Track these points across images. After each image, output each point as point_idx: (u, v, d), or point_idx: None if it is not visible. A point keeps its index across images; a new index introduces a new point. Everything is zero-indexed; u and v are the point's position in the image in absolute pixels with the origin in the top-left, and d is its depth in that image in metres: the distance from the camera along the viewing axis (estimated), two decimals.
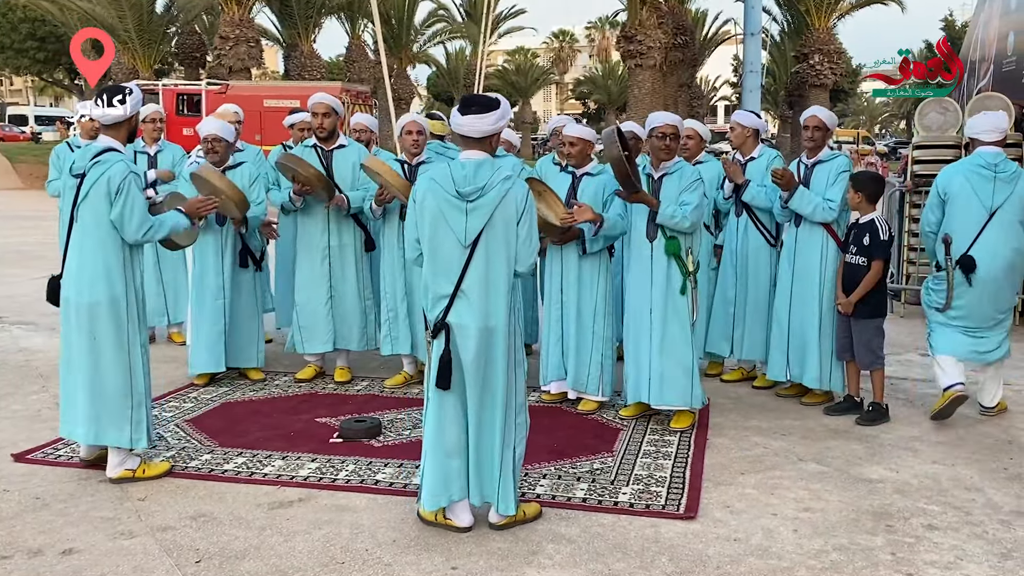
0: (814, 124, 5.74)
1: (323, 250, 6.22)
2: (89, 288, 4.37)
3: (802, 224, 5.72)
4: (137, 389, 4.46)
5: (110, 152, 4.39)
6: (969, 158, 5.54)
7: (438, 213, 3.78)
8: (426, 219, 3.80)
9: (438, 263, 3.81)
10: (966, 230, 5.34)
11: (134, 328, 4.46)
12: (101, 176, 4.32)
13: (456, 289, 3.77)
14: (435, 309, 3.83)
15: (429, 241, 3.81)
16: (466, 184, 3.76)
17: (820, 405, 5.80)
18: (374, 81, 36.14)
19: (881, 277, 5.50)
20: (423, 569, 3.62)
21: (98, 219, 4.35)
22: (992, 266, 5.31)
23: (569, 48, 74.24)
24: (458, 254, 3.78)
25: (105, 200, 4.32)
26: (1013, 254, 5.35)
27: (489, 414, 3.85)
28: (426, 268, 3.86)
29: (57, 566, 3.65)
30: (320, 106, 6.15)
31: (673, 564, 3.67)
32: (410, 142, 6.00)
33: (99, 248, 4.37)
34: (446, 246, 3.79)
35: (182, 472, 4.64)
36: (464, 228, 3.76)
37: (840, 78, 34.95)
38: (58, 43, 43.86)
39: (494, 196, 3.76)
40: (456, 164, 3.83)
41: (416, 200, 3.85)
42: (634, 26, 28.00)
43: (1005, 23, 10.69)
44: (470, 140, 3.84)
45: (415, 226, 3.87)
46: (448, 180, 3.79)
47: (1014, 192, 5.31)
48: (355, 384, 6.36)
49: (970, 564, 3.70)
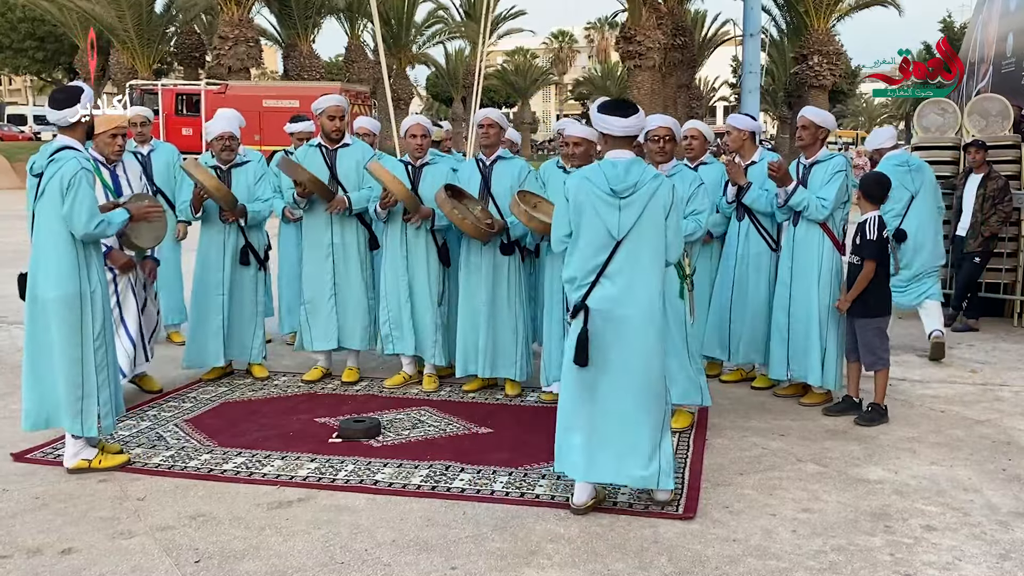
0: (802, 123, 5.82)
1: (327, 247, 6.23)
2: (43, 284, 4.48)
3: (800, 224, 5.74)
4: (88, 381, 4.54)
5: (64, 151, 4.47)
6: (886, 160, 7.19)
7: (591, 209, 4.03)
8: (578, 214, 4.05)
9: (587, 253, 4.05)
10: (897, 211, 7.04)
11: (89, 323, 4.52)
12: (56, 173, 4.42)
13: (599, 276, 4.03)
14: (577, 293, 4.07)
15: (582, 234, 4.05)
16: (619, 182, 4.01)
17: (819, 406, 5.81)
18: (373, 81, 36.16)
19: (884, 277, 5.52)
20: (422, 569, 3.63)
21: (54, 216, 4.44)
22: (917, 235, 7.08)
23: (568, 49, 74.25)
24: (607, 245, 4.03)
25: (59, 197, 4.41)
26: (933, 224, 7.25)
27: (622, 395, 4.06)
28: (574, 258, 4.08)
29: (56, 566, 3.65)
30: (336, 109, 6.16)
31: (672, 564, 3.67)
32: (414, 145, 6.02)
33: (55, 245, 4.46)
34: (597, 238, 4.03)
35: (181, 472, 4.64)
36: (617, 222, 4.02)
37: (839, 79, 34.99)
38: (57, 43, 43.88)
39: (645, 193, 4.02)
40: (607, 163, 4.08)
41: (569, 197, 4.08)
42: (633, 27, 28.01)
43: (1004, 24, 10.69)
44: (618, 140, 4.11)
45: (567, 222, 4.08)
46: (601, 178, 4.04)
47: (926, 179, 7.16)
48: (354, 384, 6.36)
49: (968, 565, 3.70)
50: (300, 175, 5.88)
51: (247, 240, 6.24)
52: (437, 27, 44.98)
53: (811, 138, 5.77)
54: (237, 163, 6.21)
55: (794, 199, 5.62)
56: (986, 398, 6.14)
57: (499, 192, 5.88)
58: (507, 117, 6.29)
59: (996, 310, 8.81)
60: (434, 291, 6.10)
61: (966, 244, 8.22)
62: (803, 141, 5.81)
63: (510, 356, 5.99)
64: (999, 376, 6.73)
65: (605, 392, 4.07)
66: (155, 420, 5.51)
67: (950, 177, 8.82)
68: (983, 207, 8.07)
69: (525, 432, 5.30)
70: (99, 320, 4.57)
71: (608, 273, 4.03)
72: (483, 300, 5.92)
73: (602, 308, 4.02)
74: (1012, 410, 5.84)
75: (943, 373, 6.80)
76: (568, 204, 4.08)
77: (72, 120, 4.54)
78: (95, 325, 4.55)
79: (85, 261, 4.52)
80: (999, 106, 8.94)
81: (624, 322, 4.02)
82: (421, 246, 6.06)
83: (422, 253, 6.07)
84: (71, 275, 4.47)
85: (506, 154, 6.04)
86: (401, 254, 6.07)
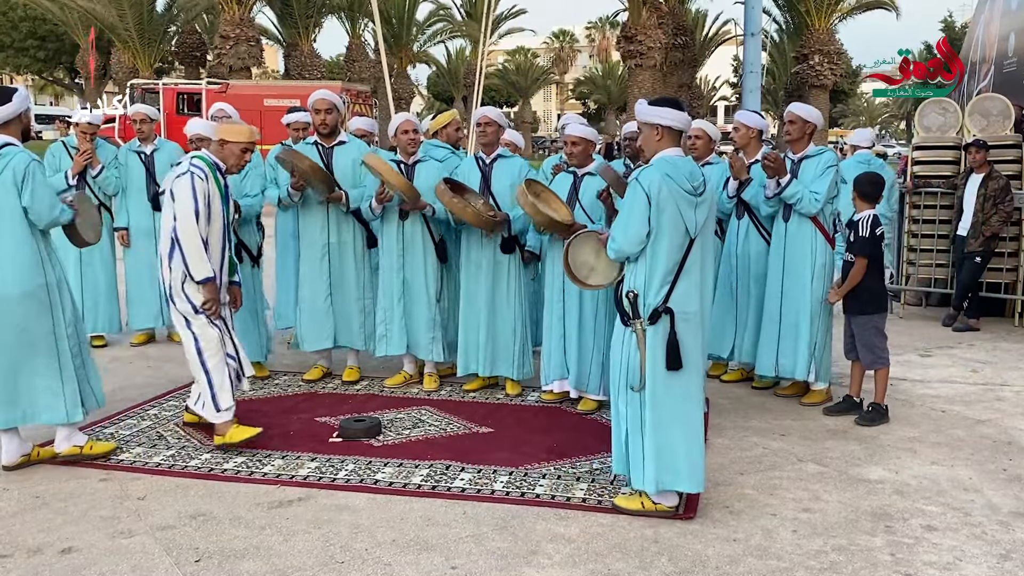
0: (789, 119, 5.90)
1: (323, 247, 6.22)
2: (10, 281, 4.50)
3: (791, 219, 5.75)
4: (66, 367, 4.63)
5: (7, 147, 4.55)
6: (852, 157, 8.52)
7: (673, 207, 3.94)
8: (664, 213, 3.93)
9: (671, 253, 3.97)
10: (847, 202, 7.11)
11: (60, 312, 4.61)
12: (5, 169, 4.48)
13: (677, 276, 3.98)
14: (656, 296, 3.98)
15: (664, 233, 3.95)
16: (694, 179, 3.99)
17: (820, 405, 5.81)
18: (374, 81, 36.14)
19: (878, 275, 5.55)
20: (422, 569, 3.62)
21: (9, 212, 4.50)
22: None
23: (569, 48, 74.19)
24: (683, 244, 3.98)
25: (13, 190, 4.48)
26: None
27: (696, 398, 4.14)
28: (658, 259, 3.97)
29: (56, 565, 3.65)
30: (322, 102, 6.15)
31: (672, 564, 3.67)
32: (406, 141, 6.02)
33: (13, 241, 4.51)
34: (677, 238, 3.97)
35: (182, 471, 4.64)
36: (695, 220, 3.99)
37: (840, 79, 34.97)
38: (58, 42, 43.85)
39: (710, 190, 4.06)
40: (678, 160, 4.02)
41: (651, 196, 3.92)
42: (634, 26, 28.01)
43: (1006, 24, 10.68)
44: (677, 137, 4.06)
45: (647, 221, 3.94)
46: (681, 176, 3.97)
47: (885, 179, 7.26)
48: (355, 383, 6.36)
49: (969, 565, 3.70)
50: (302, 162, 5.86)
51: (239, 237, 6.22)
52: (438, 26, 44.94)
53: (799, 132, 5.84)
54: None
55: (788, 191, 5.63)
56: (987, 398, 6.14)
57: (499, 190, 5.88)
58: (508, 116, 6.29)
59: (997, 310, 8.81)
60: (432, 288, 6.09)
61: (967, 244, 8.22)
62: (791, 136, 5.88)
63: (509, 355, 5.99)
64: (1000, 376, 6.72)
65: (686, 394, 4.05)
66: (156, 419, 5.52)
67: (951, 177, 8.82)
68: (984, 207, 8.07)
69: (525, 432, 5.30)
70: (68, 308, 4.68)
71: (683, 274, 3.99)
72: (483, 299, 5.92)
73: (682, 309, 3.99)
74: (1013, 410, 5.84)
75: (944, 373, 6.79)
76: (649, 202, 3.93)
77: (7, 117, 4.59)
78: (65, 314, 4.65)
79: (46, 253, 4.62)
80: (1000, 106, 8.93)
81: (691, 320, 4.02)
82: (418, 243, 6.05)
83: (419, 250, 6.06)
84: (35, 268, 4.55)
85: (506, 152, 6.04)
86: (397, 251, 6.07)
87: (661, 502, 4.10)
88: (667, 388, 4.02)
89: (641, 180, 3.97)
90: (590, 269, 4.78)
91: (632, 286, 4.03)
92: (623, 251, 4.04)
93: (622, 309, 4.10)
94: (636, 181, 3.99)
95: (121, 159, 7.33)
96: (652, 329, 3.99)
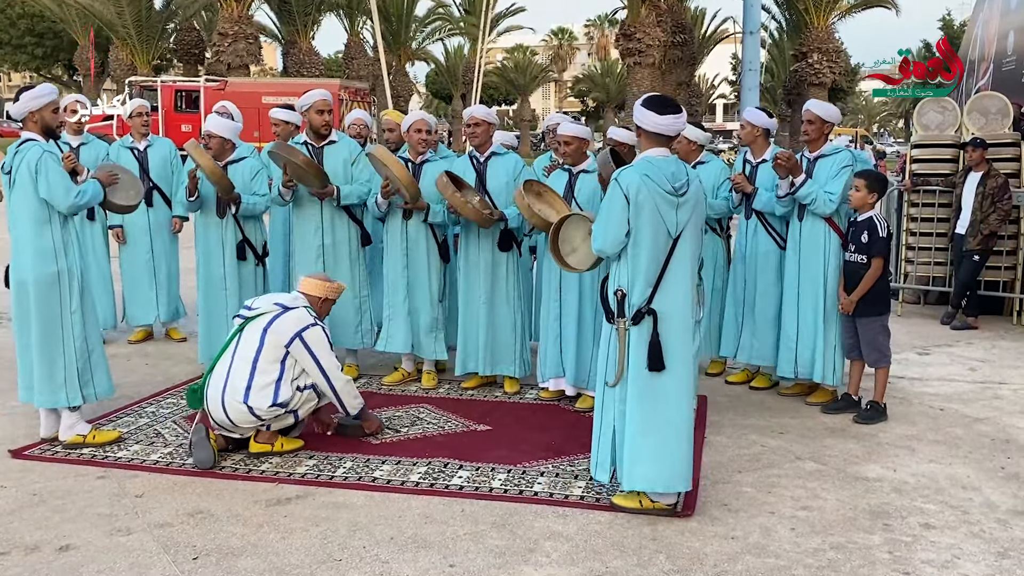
0: (808, 117, 5.75)
1: (316, 248, 6.21)
2: (24, 267, 4.77)
3: (805, 219, 5.69)
4: (68, 355, 4.84)
5: (26, 142, 4.79)
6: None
7: (653, 208, 3.94)
8: (642, 213, 3.93)
9: (652, 254, 3.97)
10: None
11: (67, 299, 4.82)
12: (22, 163, 4.73)
13: (660, 277, 3.97)
14: (640, 296, 3.98)
15: (643, 234, 3.95)
16: (676, 180, 3.99)
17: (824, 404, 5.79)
18: (373, 78, 36.13)
19: (885, 274, 5.51)
20: (420, 567, 3.62)
21: (27, 203, 4.73)
22: None
23: (568, 46, 74.20)
24: (666, 245, 3.98)
25: (30, 183, 4.70)
26: None
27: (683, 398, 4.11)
28: (639, 260, 3.97)
29: (54, 562, 3.65)
30: (323, 103, 6.19)
31: (670, 562, 3.67)
32: (417, 139, 6.00)
33: (31, 229, 4.74)
34: (659, 239, 3.97)
35: (180, 469, 4.64)
36: (675, 221, 3.99)
37: (839, 77, 34.98)
38: (56, 39, 43.83)
39: (693, 191, 4.03)
40: (659, 161, 4.00)
41: (629, 196, 3.93)
42: (633, 24, 28.00)
43: (1005, 22, 10.70)
44: (662, 139, 4.04)
45: (626, 221, 3.94)
46: (661, 176, 3.96)
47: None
48: (353, 381, 6.34)
49: (967, 563, 3.70)
50: (296, 156, 5.85)
51: (244, 235, 6.22)
52: (437, 24, 44.93)
53: (817, 132, 5.71)
54: (232, 160, 6.15)
55: (802, 191, 5.55)
56: (985, 396, 6.14)
57: (494, 188, 5.86)
58: (507, 115, 6.28)
59: (995, 308, 8.80)
60: (435, 287, 6.09)
61: (966, 242, 8.22)
62: (809, 136, 5.74)
63: (509, 353, 5.98)
64: (998, 374, 6.72)
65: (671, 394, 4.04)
66: (153, 417, 5.51)
67: (949, 175, 8.82)
68: (983, 205, 8.07)
69: (524, 429, 5.30)
70: (76, 295, 4.85)
71: (667, 276, 3.99)
72: (482, 297, 5.91)
73: (664, 309, 3.98)
74: (1011, 408, 5.84)
75: (942, 371, 6.79)
76: (627, 203, 3.93)
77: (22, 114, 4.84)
78: (72, 301, 4.83)
79: (63, 243, 4.81)
80: (999, 104, 8.93)
81: (675, 321, 4.00)
82: (421, 243, 6.04)
83: (423, 250, 6.05)
84: (49, 256, 4.76)
85: (500, 150, 6.02)
86: (401, 250, 6.06)
87: (659, 500, 4.10)
88: (651, 388, 4.00)
89: (620, 180, 4.00)
90: (572, 249, 4.76)
91: (618, 285, 4.03)
92: (603, 251, 4.08)
93: (607, 307, 4.10)
94: (615, 181, 4.02)
95: (113, 156, 7.30)
96: (636, 330, 3.99)
